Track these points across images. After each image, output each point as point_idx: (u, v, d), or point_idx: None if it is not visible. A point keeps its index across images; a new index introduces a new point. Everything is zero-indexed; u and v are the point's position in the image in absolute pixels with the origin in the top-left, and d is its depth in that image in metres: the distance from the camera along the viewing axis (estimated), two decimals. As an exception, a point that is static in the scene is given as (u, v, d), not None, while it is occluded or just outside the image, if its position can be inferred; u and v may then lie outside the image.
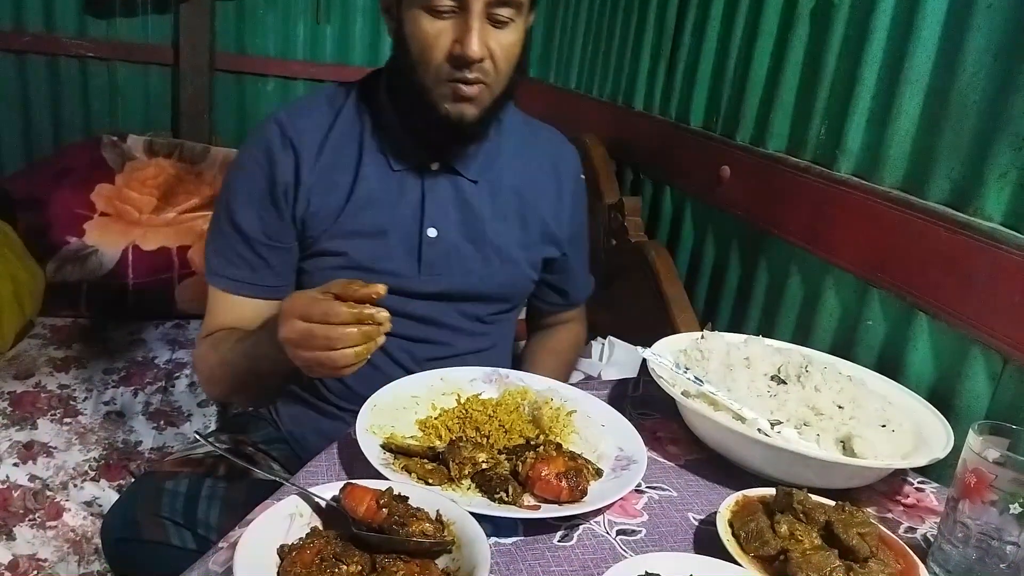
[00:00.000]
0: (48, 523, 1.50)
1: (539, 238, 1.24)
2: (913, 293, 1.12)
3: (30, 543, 1.45)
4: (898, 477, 0.99)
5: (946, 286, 1.06)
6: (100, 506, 1.56)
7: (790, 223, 1.39)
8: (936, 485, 0.99)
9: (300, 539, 0.70)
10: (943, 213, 1.08)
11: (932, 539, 0.85)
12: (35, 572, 1.39)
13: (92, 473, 1.65)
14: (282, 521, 0.71)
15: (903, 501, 0.96)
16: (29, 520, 1.50)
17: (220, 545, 0.77)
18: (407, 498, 0.75)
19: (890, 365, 1.15)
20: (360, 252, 1.14)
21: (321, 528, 0.73)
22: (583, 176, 1.32)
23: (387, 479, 0.80)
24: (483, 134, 1.14)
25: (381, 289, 0.86)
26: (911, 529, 0.90)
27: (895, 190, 1.19)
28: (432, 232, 1.15)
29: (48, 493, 1.56)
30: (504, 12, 1.02)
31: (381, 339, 0.87)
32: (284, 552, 0.68)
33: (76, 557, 1.44)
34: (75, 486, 1.61)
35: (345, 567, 0.68)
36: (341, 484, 0.75)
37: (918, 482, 1.00)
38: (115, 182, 2.59)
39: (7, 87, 2.90)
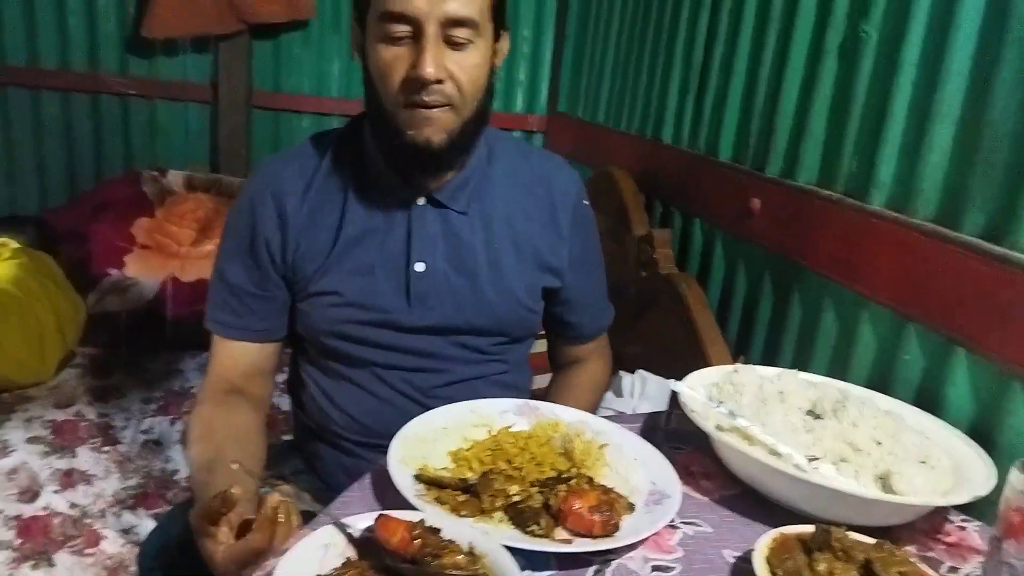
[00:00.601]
0: (87, 550, 1.52)
1: (535, 267, 1.22)
2: (950, 327, 1.10)
3: (69, 570, 1.47)
4: (939, 515, 0.97)
5: (983, 319, 1.05)
6: (137, 534, 1.58)
7: (822, 256, 1.38)
8: (979, 523, 0.97)
9: (334, 569, 0.71)
10: (978, 246, 1.07)
11: (975, 579, 0.83)
12: (73, 600, 1.42)
13: (130, 501, 1.68)
14: (316, 551, 0.72)
15: (944, 539, 0.94)
16: (68, 547, 1.53)
17: (255, 575, 0.78)
18: (440, 530, 0.75)
19: (929, 400, 1.13)
20: (351, 290, 1.15)
21: (355, 558, 0.73)
22: (586, 202, 1.28)
23: (420, 510, 0.80)
24: (456, 161, 1.13)
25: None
26: (953, 569, 0.88)
27: (929, 222, 1.18)
28: (420, 266, 1.14)
29: (87, 520, 1.59)
30: (460, 33, 1.01)
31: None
32: (320, 583, 0.69)
33: (113, 585, 1.46)
34: (113, 514, 1.63)
35: (380, 599, 0.68)
36: (374, 515, 0.76)
37: (960, 520, 0.98)
38: (155, 215, 2.66)
39: (52, 124, 3.01)
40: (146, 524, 1.60)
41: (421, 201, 1.16)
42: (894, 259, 1.21)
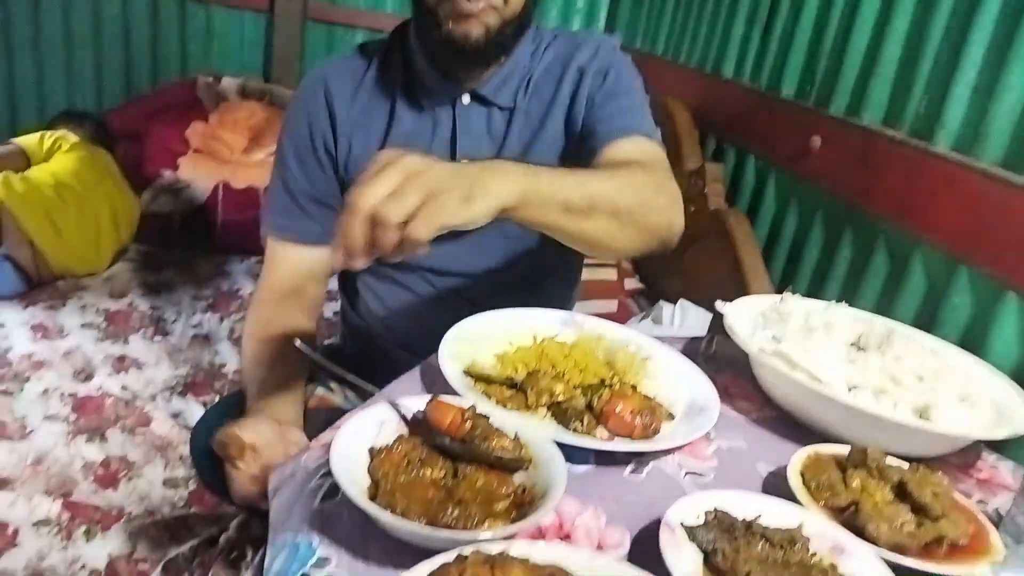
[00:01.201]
0: (138, 429, 1.61)
1: (574, 148, 1.17)
2: (1004, 271, 1.09)
3: (121, 446, 1.56)
4: (973, 451, 0.98)
5: (1041, 266, 1.04)
6: (186, 419, 1.65)
7: (880, 196, 1.36)
8: (1012, 462, 0.98)
9: (387, 444, 0.75)
10: (1045, 191, 1.05)
11: (1004, 512, 0.84)
12: (124, 471, 1.50)
13: (180, 388, 1.75)
14: (372, 426, 0.76)
15: (976, 475, 0.95)
16: (120, 425, 1.61)
17: (311, 445, 0.82)
18: (488, 417, 0.78)
19: (974, 343, 1.13)
20: None
21: (407, 436, 0.77)
22: (614, 52, 1.21)
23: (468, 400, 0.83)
24: (495, 56, 1.12)
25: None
26: (982, 502, 0.89)
27: (995, 167, 1.16)
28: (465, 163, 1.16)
29: (138, 403, 1.67)
30: None
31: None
32: (374, 452, 0.73)
33: (162, 462, 1.54)
34: (163, 399, 1.72)
35: (429, 471, 0.72)
36: (427, 397, 0.80)
37: (993, 459, 0.99)
38: (208, 121, 2.70)
39: (111, 25, 3.03)
40: (194, 410, 1.68)
41: (466, 99, 1.17)
42: (955, 202, 1.19)
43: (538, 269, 1.30)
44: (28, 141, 2.27)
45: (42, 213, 2.04)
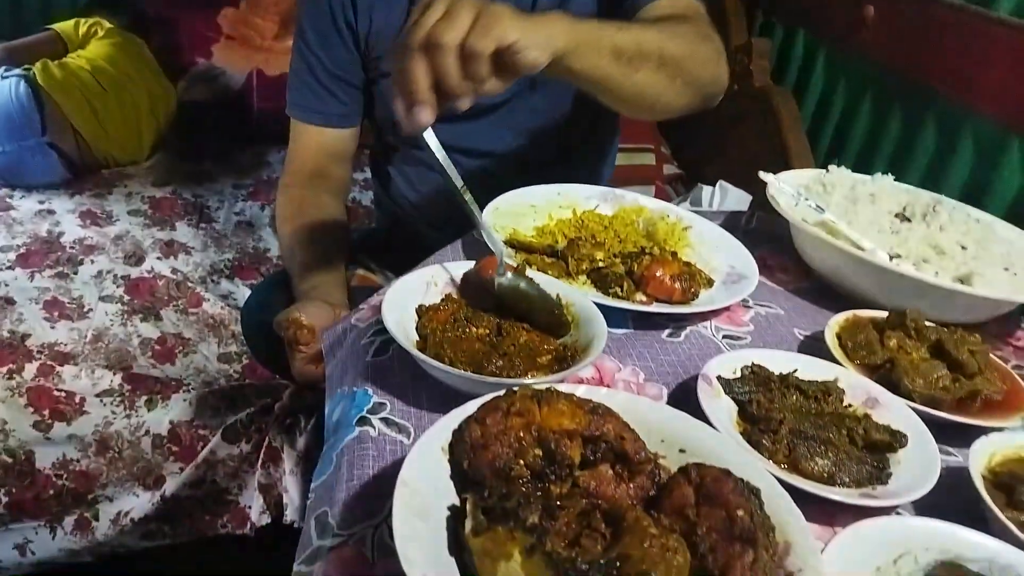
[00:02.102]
0: (190, 309, 1.67)
1: (606, 8, 1.12)
2: (1061, 141, 1.06)
3: (175, 324, 1.62)
4: (1012, 320, 0.98)
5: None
6: (236, 299, 1.71)
7: (934, 68, 1.31)
8: (1052, 333, 0.98)
9: (436, 303, 0.77)
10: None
11: (1040, 376, 0.85)
12: (180, 347, 1.57)
13: (227, 271, 1.80)
14: (421, 285, 0.78)
15: (1015, 343, 0.95)
16: (173, 305, 1.67)
17: (361, 306, 0.85)
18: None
19: (1022, 216, 1.11)
20: None
21: (455, 295, 0.79)
22: None
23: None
24: None
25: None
26: (1018, 367, 0.90)
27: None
28: None
29: (189, 285, 1.72)
30: None
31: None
32: (422, 310, 0.75)
33: (215, 339, 1.61)
34: (212, 281, 1.77)
35: (475, 328, 0.75)
36: (471, 263, 0.82)
37: (1033, 328, 0.99)
38: (239, 6, 2.64)
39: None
40: (243, 292, 1.73)
41: None
42: (1012, 69, 1.14)
43: (568, 148, 1.29)
44: (64, 27, 2.26)
45: (82, 99, 2.05)
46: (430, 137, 0.73)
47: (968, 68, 1.23)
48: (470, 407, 0.56)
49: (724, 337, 0.86)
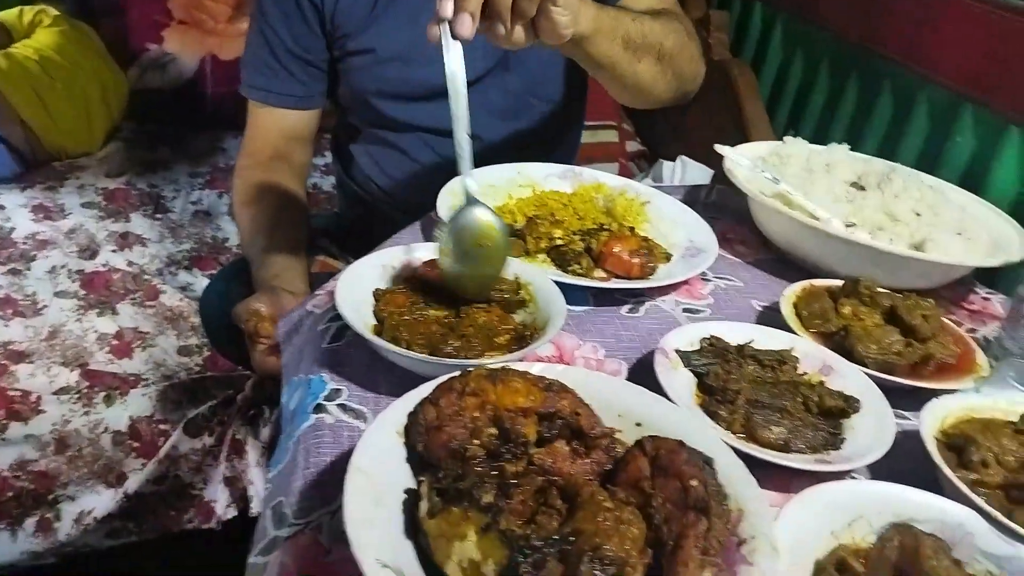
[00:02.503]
0: (147, 302, 1.63)
1: None
2: (1009, 105, 1.07)
3: (132, 318, 1.59)
4: (967, 285, 1.00)
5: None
6: (194, 291, 1.68)
7: (889, 36, 1.32)
8: (1002, 296, 1.00)
9: (392, 286, 0.76)
10: (1058, 18, 1.02)
11: (992, 338, 0.87)
12: (138, 342, 1.54)
13: (185, 262, 1.77)
14: (378, 269, 0.77)
15: (969, 307, 0.97)
16: (130, 299, 1.64)
17: (317, 292, 0.84)
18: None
19: (974, 181, 1.13)
20: (394, 45, 1.11)
21: (410, 276, 0.78)
22: None
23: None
24: None
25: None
26: (971, 330, 0.92)
27: (1008, -3, 1.11)
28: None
29: (145, 277, 1.69)
30: None
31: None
32: (379, 294, 0.74)
33: (174, 332, 1.58)
34: (170, 273, 1.73)
35: (432, 311, 0.74)
36: (430, 245, 0.81)
37: (985, 292, 1.01)
38: (190, -11, 2.58)
39: None
40: (201, 282, 1.69)
41: None
42: (964, 35, 1.16)
43: (538, 131, 1.28)
44: (7, 16, 2.18)
45: (30, 90, 1.99)
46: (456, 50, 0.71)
47: (921, 36, 1.24)
48: (424, 389, 0.55)
49: (684, 311, 0.86)
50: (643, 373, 0.72)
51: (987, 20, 1.12)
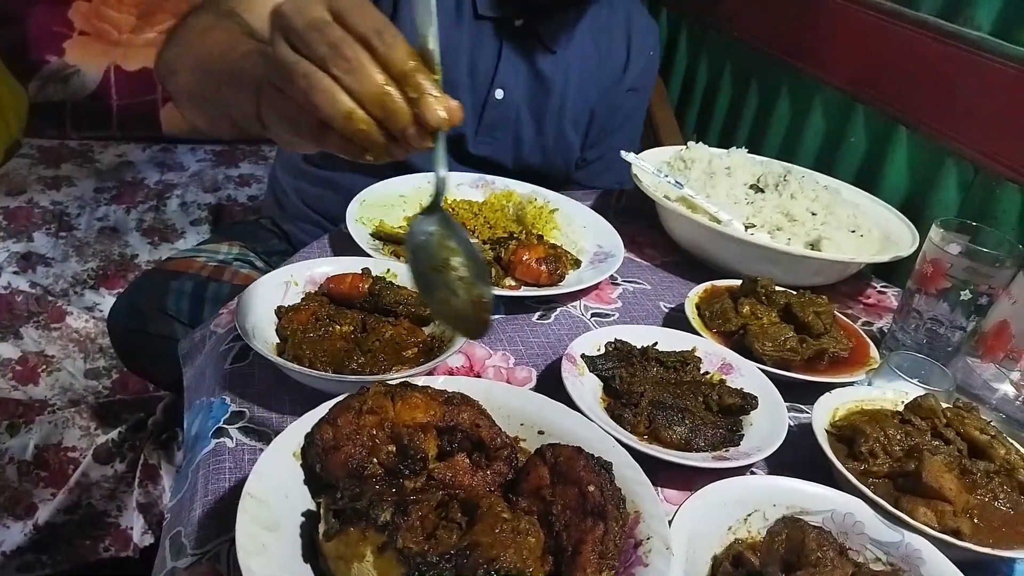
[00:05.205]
0: (52, 325, 1.56)
1: (591, 112, 1.21)
2: (896, 106, 1.13)
3: (37, 342, 1.52)
4: (862, 281, 1.05)
5: (929, 98, 1.08)
6: (102, 311, 1.61)
7: (784, 41, 1.37)
8: (897, 289, 1.05)
9: (296, 303, 0.75)
10: (933, 24, 1.07)
11: (887, 331, 0.91)
12: (44, 366, 1.47)
13: (91, 281, 1.70)
14: (278, 287, 0.76)
15: (864, 301, 1.02)
16: (34, 322, 1.56)
17: (221, 311, 0.82)
18: (385, 275, 0.79)
19: (868, 179, 1.18)
20: None
21: (314, 293, 0.77)
22: (653, 52, 1.24)
23: (374, 258, 0.83)
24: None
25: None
26: (868, 323, 0.96)
27: (889, 1, 1.17)
28: (499, 94, 1.11)
29: (50, 299, 1.61)
30: None
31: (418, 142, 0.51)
32: (282, 312, 0.73)
33: (82, 355, 1.51)
34: (75, 293, 1.66)
35: (338, 327, 0.73)
36: (334, 260, 0.80)
37: (881, 286, 1.05)
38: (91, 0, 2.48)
39: None
40: (108, 302, 1.63)
41: (518, 22, 1.08)
42: (852, 40, 1.21)
43: None
44: None
45: (-82, 108, 1.89)
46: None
47: (811, 39, 1.30)
48: (322, 410, 0.54)
49: (593, 315, 0.88)
50: (552, 379, 0.73)
51: (875, 26, 1.18)
